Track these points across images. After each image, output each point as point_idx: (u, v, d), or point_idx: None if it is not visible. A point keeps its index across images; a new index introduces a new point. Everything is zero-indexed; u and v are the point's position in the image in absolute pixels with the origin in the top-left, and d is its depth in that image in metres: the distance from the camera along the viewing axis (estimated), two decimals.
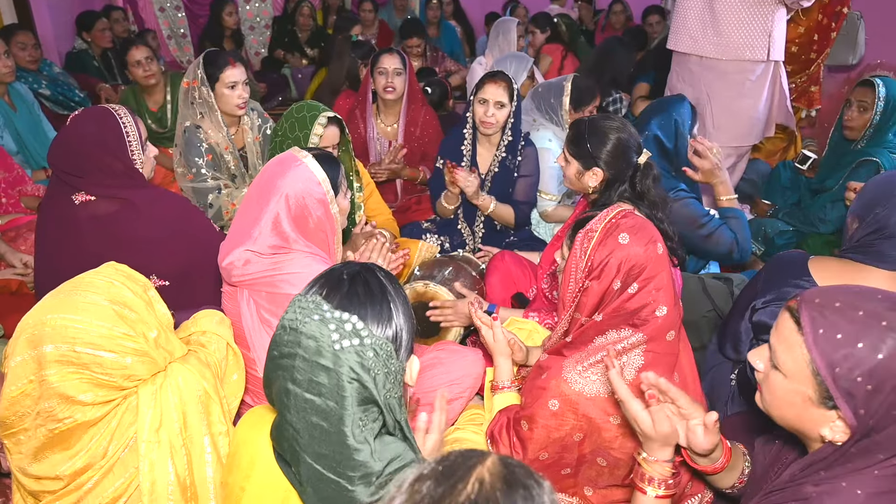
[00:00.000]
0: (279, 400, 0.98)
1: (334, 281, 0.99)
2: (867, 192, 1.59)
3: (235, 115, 2.63)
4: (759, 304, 1.60)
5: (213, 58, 2.57)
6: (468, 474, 0.63)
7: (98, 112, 1.90)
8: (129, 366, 1.17)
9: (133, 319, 1.18)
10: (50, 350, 1.11)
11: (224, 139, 2.61)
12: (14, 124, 3.35)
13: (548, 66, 4.54)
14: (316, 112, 2.14)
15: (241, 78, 2.57)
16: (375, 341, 0.94)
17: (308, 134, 2.12)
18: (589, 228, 1.36)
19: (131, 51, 3.38)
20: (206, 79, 2.53)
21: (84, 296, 1.16)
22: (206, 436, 1.25)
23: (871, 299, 0.96)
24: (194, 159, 2.55)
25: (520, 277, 2.30)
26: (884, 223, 1.49)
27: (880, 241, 1.50)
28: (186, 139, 2.56)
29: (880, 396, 0.92)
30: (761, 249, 3.00)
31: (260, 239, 1.55)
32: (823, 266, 1.57)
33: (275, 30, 6.12)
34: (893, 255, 1.49)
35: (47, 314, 1.13)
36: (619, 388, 1.15)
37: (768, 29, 2.69)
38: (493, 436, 1.46)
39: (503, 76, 2.51)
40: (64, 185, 1.87)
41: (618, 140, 1.86)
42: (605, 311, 1.33)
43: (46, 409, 1.13)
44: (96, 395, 1.15)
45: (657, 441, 1.15)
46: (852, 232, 1.59)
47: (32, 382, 1.14)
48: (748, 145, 3.04)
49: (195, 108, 2.58)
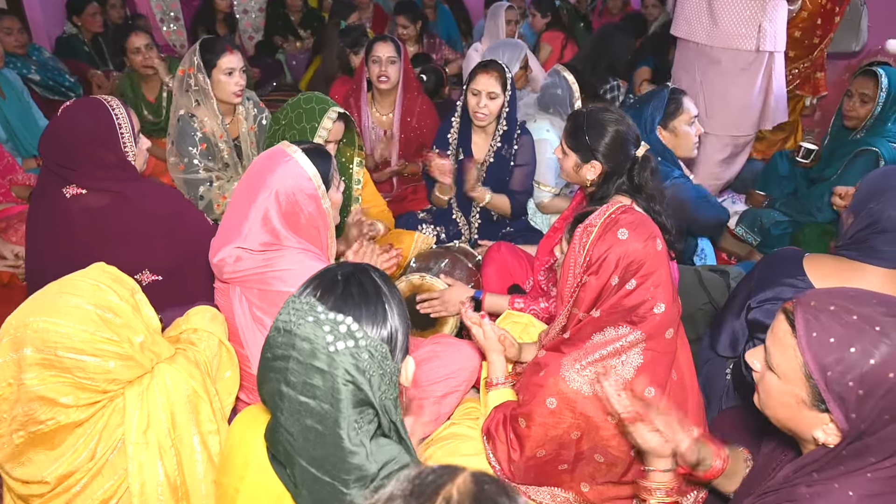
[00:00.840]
0: (272, 402, 0.97)
1: (328, 282, 0.97)
2: (863, 188, 1.58)
3: (231, 102, 2.60)
4: (754, 303, 1.60)
5: (210, 44, 2.54)
6: (436, 494, 0.63)
7: (90, 103, 1.87)
8: (112, 370, 1.16)
9: (118, 324, 1.17)
10: (30, 353, 1.09)
11: (219, 128, 2.58)
12: (3, 112, 3.31)
13: (547, 55, 4.46)
14: (326, 106, 2.09)
15: (238, 65, 2.54)
16: (370, 343, 0.93)
17: (316, 127, 2.06)
18: (588, 223, 1.35)
19: (130, 37, 3.32)
20: (202, 65, 2.50)
21: (68, 299, 1.14)
22: (195, 435, 1.24)
23: (866, 303, 0.96)
24: (188, 148, 2.52)
25: (516, 269, 2.29)
26: (877, 217, 1.49)
27: (874, 235, 1.49)
28: (180, 128, 2.52)
29: (871, 401, 0.92)
30: (757, 240, 3.00)
31: (250, 236, 1.53)
32: (819, 264, 1.57)
33: (268, 13, 6.04)
34: (887, 251, 1.48)
35: (30, 317, 1.11)
36: (611, 399, 1.19)
37: (759, 20, 2.67)
38: (489, 432, 1.46)
39: (495, 66, 2.47)
40: (55, 177, 1.85)
41: (616, 132, 1.84)
42: (602, 307, 1.32)
43: (25, 413, 1.12)
44: (78, 397, 1.14)
45: (650, 453, 1.20)
46: (847, 227, 1.58)
47: (11, 386, 1.12)
48: (744, 135, 3.02)
49: (190, 95, 2.55)
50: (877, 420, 0.92)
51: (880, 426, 0.93)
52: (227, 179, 2.60)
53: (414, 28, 4.53)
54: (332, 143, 2.12)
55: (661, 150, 2.29)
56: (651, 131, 2.29)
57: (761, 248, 2.96)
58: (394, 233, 2.56)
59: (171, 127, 2.62)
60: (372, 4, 5.69)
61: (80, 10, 4.56)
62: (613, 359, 1.31)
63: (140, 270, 1.87)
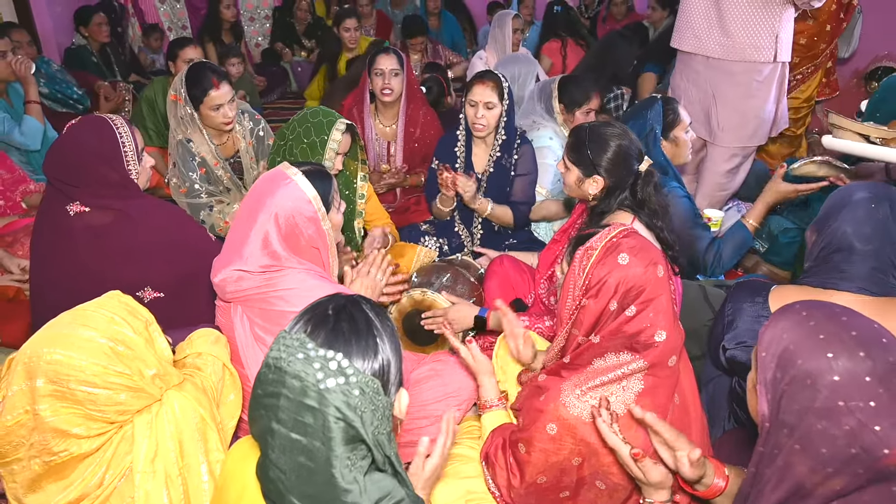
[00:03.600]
0: (262, 439, 0.96)
1: (319, 317, 0.97)
2: (825, 205, 1.56)
3: (222, 130, 2.60)
4: (728, 344, 1.57)
5: (197, 78, 2.49)
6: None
7: (95, 122, 1.89)
8: (123, 401, 1.17)
9: (130, 356, 1.18)
10: (42, 385, 1.11)
11: (212, 155, 2.57)
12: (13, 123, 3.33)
13: (548, 67, 4.42)
14: (333, 118, 2.11)
15: (226, 99, 2.51)
16: (361, 379, 0.93)
17: (326, 140, 2.07)
18: (589, 246, 1.34)
19: (186, 49, 3.35)
20: (188, 100, 2.49)
21: (82, 331, 1.15)
22: (203, 463, 1.25)
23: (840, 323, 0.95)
24: (188, 174, 2.54)
25: (518, 283, 2.28)
26: (834, 234, 1.47)
27: (833, 254, 1.48)
28: (181, 153, 2.54)
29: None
30: (765, 246, 2.97)
31: (251, 259, 1.53)
32: (784, 297, 1.53)
33: (275, 20, 6.07)
34: (849, 271, 1.45)
35: (43, 347, 1.12)
36: (609, 438, 1.18)
37: (776, 30, 2.62)
38: (488, 458, 1.45)
39: (491, 76, 2.47)
40: (59, 194, 1.86)
41: (618, 147, 1.83)
42: (602, 332, 1.30)
43: (41, 442, 1.13)
44: (89, 427, 1.15)
45: (651, 487, 1.20)
46: (811, 245, 1.56)
47: (28, 413, 1.13)
48: (753, 145, 3.00)
49: (184, 123, 2.56)
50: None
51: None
52: (227, 203, 2.61)
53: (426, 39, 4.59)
54: (340, 155, 2.14)
55: (665, 163, 2.28)
56: (655, 144, 2.28)
57: (769, 255, 2.93)
58: (396, 246, 2.55)
59: (171, 148, 2.63)
60: (375, 12, 5.71)
61: (87, 20, 4.61)
62: (614, 385, 1.29)
63: (142, 287, 1.88)
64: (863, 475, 0.88)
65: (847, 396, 0.88)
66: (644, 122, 2.30)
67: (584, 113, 2.86)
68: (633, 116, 2.38)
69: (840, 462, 0.89)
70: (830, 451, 0.89)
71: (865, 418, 0.87)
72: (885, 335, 0.92)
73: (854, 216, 1.48)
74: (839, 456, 0.89)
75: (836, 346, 0.91)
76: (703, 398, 1.67)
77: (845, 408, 0.88)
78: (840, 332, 0.92)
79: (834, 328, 0.93)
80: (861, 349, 0.90)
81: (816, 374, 0.91)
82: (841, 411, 0.88)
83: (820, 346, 0.92)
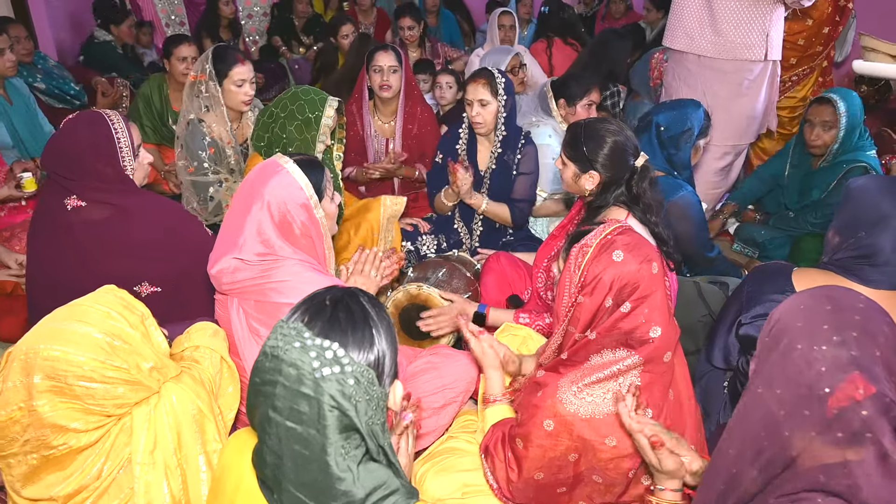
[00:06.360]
0: (260, 426, 0.97)
1: (317, 307, 0.98)
2: (849, 207, 1.54)
3: (240, 110, 2.68)
4: (745, 319, 1.59)
5: (223, 54, 2.59)
6: None
7: (91, 117, 1.89)
8: (121, 395, 1.18)
9: (127, 350, 1.18)
10: (39, 381, 1.11)
11: (227, 134, 2.64)
12: (10, 118, 3.33)
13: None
14: (324, 95, 2.23)
15: (249, 76, 2.61)
16: (356, 369, 0.94)
17: (320, 116, 2.20)
18: (584, 243, 1.35)
19: (182, 46, 3.34)
20: (214, 73, 2.55)
21: (78, 327, 1.15)
22: (201, 455, 1.26)
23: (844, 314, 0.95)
24: (197, 152, 2.59)
25: (515, 279, 2.29)
26: (870, 251, 1.47)
27: (869, 268, 1.48)
28: (190, 132, 2.59)
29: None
30: (756, 253, 3.02)
31: (245, 247, 1.54)
32: (808, 278, 1.55)
33: (273, 16, 6.06)
34: (878, 279, 1.47)
35: (40, 343, 1.13)
36: (629, 424, 1.21)
37: (766, 29, 2.65)
38: (487, 450, 1.46)
39: (483, 73, 2.49)
40: (57, 188, 1.87)
41: (614, 143, 1.84)
42: (598, 329, 1.31)
43: (38, 437, 1.13)
44: (87, 421, 1.16)
45: (664, 474, 1.23)
46: (833, 245, 1.56)
47: (22, 409, 1.13)
48: (745, 143, 3.01)
49: (200, 101, 2.61)
50: None
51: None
52: (234, 181, 2.66)
53: (419, 28, 4.53)
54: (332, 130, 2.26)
55: (688, 162, 2.34)
56: (688, 143, 2.32)
57: (762, 259, 2.97)
58: (361, 202, 2.65)
59: (179, 129, 2.67)
60: (374, 9, 5.70)
61: (118, 21, 4.76)
62: (611, 381, 1.30)
63: (140, 282, 1.89)
64: (809, 417, 0.88)
65: (803, 340, 0.91)
66: (684, 118, 2.32)
67: (584, 106, 2.88)
68: (670, 107, 2.40)
69: (791, 405, 0.90)
70: (784, 392, 0.92)
71: (813, 357, 0.89)
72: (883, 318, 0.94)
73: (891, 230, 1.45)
74: (789, 398, 0.91)
75: (825, 317, 0.93)
76: (696, 393, 1.68)
77: (799, 350, 0.91)
78: (842, 314, 0.93)
79: (835, 305, 0.94)
80: (837, 312, 0.92)
81: (792, 332, 0.94)
82: (794, 351, 0.91)
83: (811, 320, 0.94)
